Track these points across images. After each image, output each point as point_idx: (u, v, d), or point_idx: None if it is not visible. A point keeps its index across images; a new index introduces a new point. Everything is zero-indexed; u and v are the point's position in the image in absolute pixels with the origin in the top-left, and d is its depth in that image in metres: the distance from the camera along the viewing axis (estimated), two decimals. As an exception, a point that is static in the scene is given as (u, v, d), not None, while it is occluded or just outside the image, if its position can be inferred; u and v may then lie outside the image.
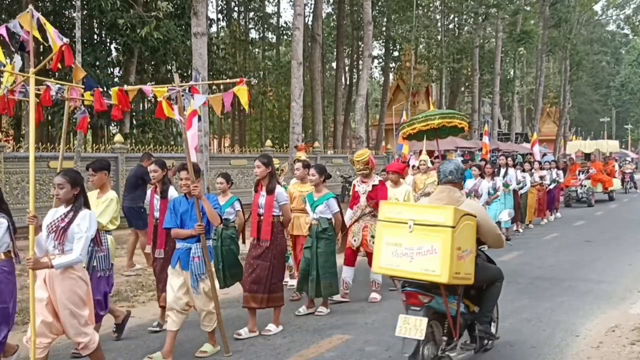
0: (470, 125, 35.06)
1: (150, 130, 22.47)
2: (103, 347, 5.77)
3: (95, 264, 5.61)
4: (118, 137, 15.90)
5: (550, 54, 40.32)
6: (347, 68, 39.19)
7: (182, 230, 5.49)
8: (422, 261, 4.33)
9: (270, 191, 6.25)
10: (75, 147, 13.23)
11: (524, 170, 15.46)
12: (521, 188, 14.43)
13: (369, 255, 7.29)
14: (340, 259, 7.50)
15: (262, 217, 6.25)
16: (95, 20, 21.63)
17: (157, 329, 6.37)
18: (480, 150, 23.54)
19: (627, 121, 69.64)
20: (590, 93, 61.82)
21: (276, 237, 6.25)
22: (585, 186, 22.13)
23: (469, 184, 11.65)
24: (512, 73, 41.51)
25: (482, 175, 12.05)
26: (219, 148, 36.54)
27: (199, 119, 9.50)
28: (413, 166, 13.44)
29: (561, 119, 41.40)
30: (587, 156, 26.53)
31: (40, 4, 20.71)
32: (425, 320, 4.42)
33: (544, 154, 28.48)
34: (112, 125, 22.59)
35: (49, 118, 20.67)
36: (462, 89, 42.50)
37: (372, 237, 7.17)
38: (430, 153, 23.84)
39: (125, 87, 6.06)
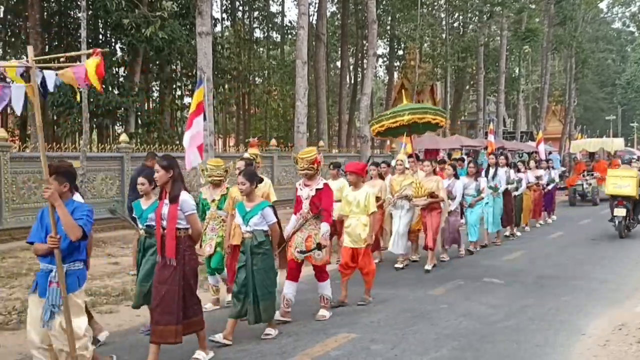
0: (475, 123, 35.17)
1: (156, 129, 22.53)
2: (110, 344, 5.82)
3: None
4: (123, 137, 15.93)
5: (556, 52, 40.15)
6: (351, 67, 39.16)
7: (40, 245, 4.44)
8: (625, 189, 12.67)
9: (174, 199, 5.26)
10: (81, 146, 13.27)
11: (518, 171, 14.25)
12: (516, 189, 13.48)
13: (316, 268, 6.76)
14: (282, 275, 6.76)
15: (165, 231, 5.28)
16: (100, 20, 21.68)
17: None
18: (486, 148, 23.49)
19: (633, 119, 69.27)
20: (595, 91, 61.53)
21: (184, 254, 5.25)
22: (590, 185, 21.94)
23: (444, 184, 10.39)
24: (517, 71, 41.35)
25: (456, 175, 10.80)
26: (224, 147, 36.57)
27: (204, 118, 9.57)
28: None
29: (566, 117, 41.23)
30: (592, 155, 26.38)
31: (45, 4, 20.78)
32: (624, 210, 12.76)
33: (550, 153, 28.39)
34: (117, 124, 22.65)
35: (55, 118, 20.75)
36: (467, 87, 42.38)
37: (318, 249, 6.56)
38: (431, 153, 23.96)
39: None
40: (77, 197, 5.00)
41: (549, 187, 16.44)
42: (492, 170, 12.53)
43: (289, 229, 6.78)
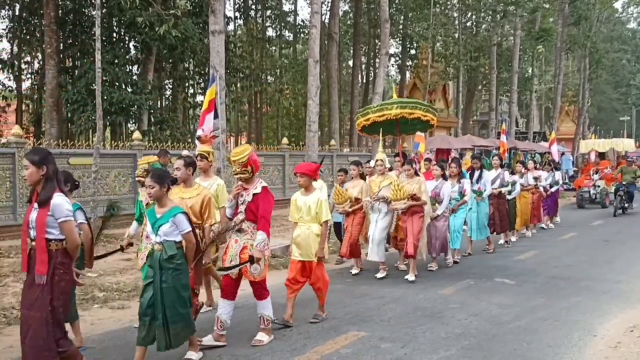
0: (487, 123, 35.00)
1: (168, 127, 22.64)
2: (122, 339, 5.87)
3: None
4: (136, 134, 16.04)
5: (570, 52, 39.87)
6: (363, 66, 39.13)
7: None
8: None
9: (43, 202, 4.33)
10: (95, 144, 13.37)
11: (513, 172, 13.02)
12: (509, 193, 12.38)
13: (253, 284, 5.87)
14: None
15: (34, 242, 4.35)
16: (114, 19, 21.81)
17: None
18: (498, 149, 23.38)
19: (648, 120, 68.76)
20: (609, 91, 61.00)
21: (56, 270, 4.31)
22: (599, 187, 21.25)
23: (430, 186, 9.54)
24: (530, 71, 41.10)
25: (444, 176, 9.83)
26: (236, 146, 36.68)
27: (217, 115, 9.64)
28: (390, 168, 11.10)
29: (580, 118, 40.94)
30: (602, 155, 26.21)
31: (60, 3, 20.94)
32: None
33: (562, 153, 28.23)
34: (131, 122, 22.79)
35: (69, 115, 20.91)
36: (480, 87, 42.20)
37: (251, 262, 5.66)
38: (442, 152, 23.88)
39: None
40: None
41: (552, 190, 15.43)
42: (476, 173, 11.31)
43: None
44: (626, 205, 18.55)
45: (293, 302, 6.49)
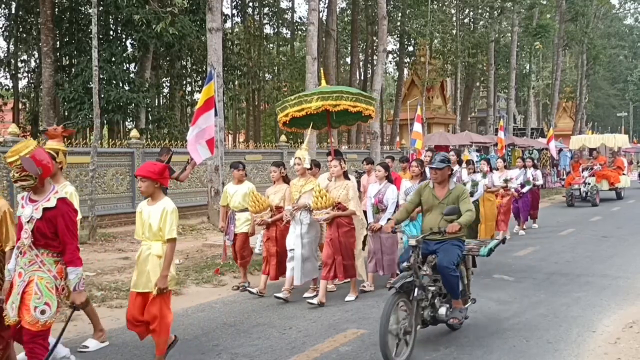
0: (485, 120, 35.02)
1: (166, 125, 22.60)
2: (120, 338, 5.83)
3: None
4: (134, 133, 16.00)
5: (567, 48, 39.94)
6: (361, 63, 39.04)
7: None
8: None
9: None
10: (92, 142, 13.34)
11: (474, 172, 11.10)
12: (471, 194, 9.89)
13: (30, 334, 4.19)
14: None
15: None
16: (111, 16, 21.75)
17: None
18: (496, 145, 23.39)
19: (645, 116, 68.89)
20: (607, 87, 61.08)
21: None
22: (589, 184, 20.48)
23: (372, 190, 8.13)
24: (528, 67, 41.13)
25: (388, 178, 8.13)
26: (234, 143, 36.67)
27: (215, 113, 9.58)
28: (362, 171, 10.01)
29: (577, 114, 41.02)
30: (592, 152, 26.06)
31: (57, 0, 20.87)
32: None
33: (560, 150, 28.24)
34: (128, 120, 22.74)
35: (66, 114, 20.86)
36: (478, 83, 42.21)
37: (76, 309, 4.45)
38: (441, 149, 23.86)
39: None
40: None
41: (524, 190, 13.82)
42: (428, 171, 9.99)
43: (10, 268, 4.37)
44: None
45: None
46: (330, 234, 7.36)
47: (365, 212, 8.13)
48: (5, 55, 25.89)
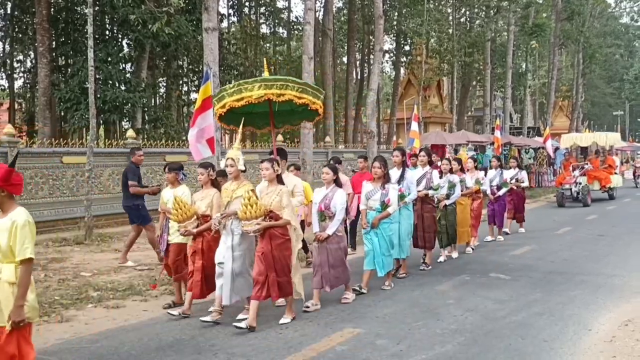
0: (481, 119, 35.05)
1: (162, 125, 22.59)
2: (117, 339, 5.84)
3: None
4: (130, 133, 15.98)
5: (563, 47, 40.03)
6: (358, 62, 39.10)
7: None
8: None
9: None
10: (88, 142, 13.32)
11: (451, 171, 10.22)
12: (447, 196, 9.87)
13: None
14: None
15: None
16: (107, 16, 21.74)
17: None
18: (492, 144, 23.41)
19: (641, 114, 69.13)
20: (603, 86, 61.26)
21: None
22: (580, 184, 19.95)
23: (317, 195, 7.25)
24: (524, 66, 41.22)
25: (337, 182, 7.21)
26: (230, 143, 36.61)
27: (214, 112, 9.57)
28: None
29: (574, 113, 41.09)
30: (584, 150, 25.95)
31: (52, 1, 20.84)
32: None
33: (557, 148, 28.28)
34: (124, 120, 22.71)
35: (62, 114, 20.84)
36: (474, 82, 42.26)
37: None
38: (437, 148, 23.88)
39: None
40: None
41: (500, 193, 12.69)
42: (397, 172, 8.64)
43: None
44: None
45: None
46: (262, 247, 6.27)
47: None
48: (1, 55, 25.88)
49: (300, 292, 6.66)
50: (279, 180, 6.55)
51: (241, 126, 7.12)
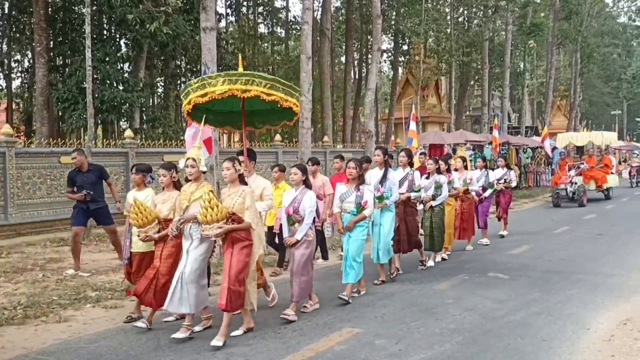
0: (480, 118, 35.07)
1: (160, 125, 22.56)
2: (115, 339, 5.83)
3: None
4: (128, 133, 15.96)
5: (561, 46, 40.08)
6: (356, 62, 39.10)
7: None
8: None
9: None
10: (86, 142, 13.30)
11: (439, 171, 9.79)
12: (434, 197, 9.51)
13: None
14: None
15: None
16: (104, 16, 21.70)
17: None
18: (490, 143, 23.43)
19: (639, 114, 69.12)
20: (601, 86, 61.31)
21: None
22: (576, 184, 19.82)
23: (286, 198, 6.89)
24: (522, 66, 41.20)
25: (306, 183, 6.89)
26: (229, 142, 36.59)
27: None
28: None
29: (572, 112, 41.14)
30: (580, 149, 25.94)
31: (50, 0, 20.79)
32: None
33: (554, 147, 28.29)
34: (122, 120, 22.69)
35: (60, 114, 20.80)
36: (472, 82, 42.29)
37: None
38: (436, 147, 23.90)
39: None
40: None
41: (485, 194, 12.12)
42: (379, 173, 8.27)
43: None
44: None
45: None
46: (224, 250, 5.97)
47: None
48: (-1, 55, 25.82)
49: (252, 302, 6.09)
50: (242, 180, 6.16)
51: (202, 124, 6.70)
